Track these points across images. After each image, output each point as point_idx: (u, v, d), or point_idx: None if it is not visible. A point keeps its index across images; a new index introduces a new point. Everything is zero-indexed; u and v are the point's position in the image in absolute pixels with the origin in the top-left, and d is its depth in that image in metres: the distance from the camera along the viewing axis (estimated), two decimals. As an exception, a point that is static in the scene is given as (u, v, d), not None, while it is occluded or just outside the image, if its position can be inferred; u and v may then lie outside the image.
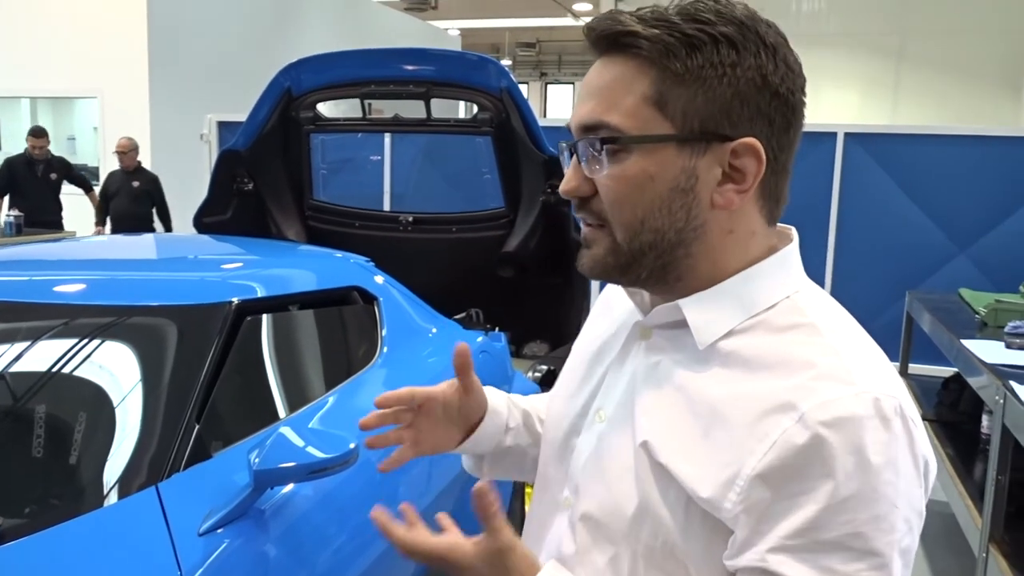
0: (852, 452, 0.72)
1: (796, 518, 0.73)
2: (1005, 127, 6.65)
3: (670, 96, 0.79)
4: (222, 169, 3.32)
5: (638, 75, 0.80)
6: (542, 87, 24.42)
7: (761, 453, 0.74)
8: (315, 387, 2.07)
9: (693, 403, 0.81)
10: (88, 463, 1.56)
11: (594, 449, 0.89)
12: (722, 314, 0.83)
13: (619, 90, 0.80)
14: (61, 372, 1.70)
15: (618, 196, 0.82)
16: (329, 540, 1.73)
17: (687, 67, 0.78)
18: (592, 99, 0.82)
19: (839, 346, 0.79)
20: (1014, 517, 2.37)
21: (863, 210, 4.86)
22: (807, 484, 0.72)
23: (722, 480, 0.76)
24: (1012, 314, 3.12)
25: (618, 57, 0.81)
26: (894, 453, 0.73)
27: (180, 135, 7.94)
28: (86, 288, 1.99)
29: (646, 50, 0.79)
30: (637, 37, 0.79)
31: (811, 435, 0.73)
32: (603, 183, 0.82)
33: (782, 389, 0.76)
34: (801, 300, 0.83)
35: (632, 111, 0.80)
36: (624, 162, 0.80)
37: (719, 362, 0.81)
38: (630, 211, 0.81)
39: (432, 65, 3.15)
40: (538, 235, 3.26)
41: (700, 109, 0.79)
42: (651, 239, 0.82)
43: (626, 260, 0.83)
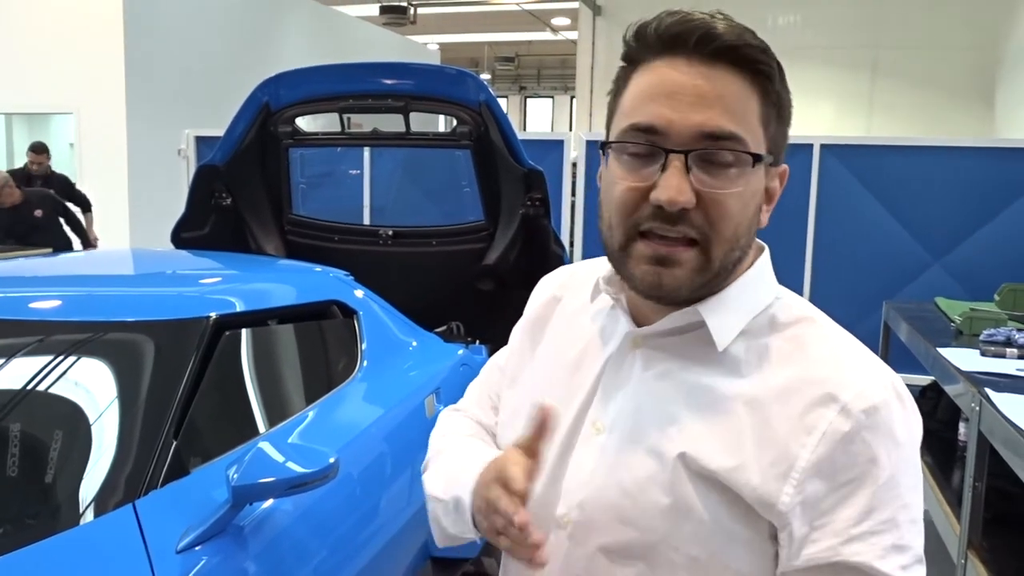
0: (888, 434, 0.79)
1: (854, 505, 0.78)
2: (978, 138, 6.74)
3: (769, 118, 0.83)
4: (200, 184, 3.30)
5: (751, 93, 0.81)
6: (521, 101, 24.50)
7: (812, 445, 0.79)
8: (295, 402, 2.06)
9: (724, 403, 0.82)
10: (64, 481, 1.54)
11: (598, 462, 0.87)
12: (735, 315, 0.86)
13: (743, 105, 0.81)
14: (37, 389, 1.68)
15: (731, 212, 0.81)
16: (310, 555, 1.72)
17: (778, 93, 0.83)
18: (714, 108, 0.79)
19: (843, 337, 0.86)
20: (991, 523, 2.39)
21: (840, 221, 4.90)
22: (858, 470, 0.78)
23: (774, 474, 0.79)
24: (987, 322, 3.16)
25: (726, 68, 0.80)
26: (913, 428, 0.82)
27: (157, 151, 7.89)
28: (62, 304, 1.97)
29: (767, 71, 0.81)
30: (767, 55, 0.81)
31: (855, 424, 0.78)
32: (719, 197, 0.80)
33: (815, 381, 0.81)
34: (788, 299, 0.90)
35: (752, 128, 0.81)
36: (749, 179, 0.82)
37: (738, 362, 0.84)
38: (734, 228, 0.82)
39: (411, 79, 3.16)
40: (518, 248, 3.26)
41: (777, 134, 0.84)
42: (737, 256, 0.84)
43: (710, 278, 0.83)
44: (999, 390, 2.33)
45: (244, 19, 10.05)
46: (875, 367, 0.83)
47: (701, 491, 0.81)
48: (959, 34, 11.99)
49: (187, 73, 8.87)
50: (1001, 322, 3.17)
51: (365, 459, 2.07)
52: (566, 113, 24.06)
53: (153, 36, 8.49)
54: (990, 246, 4.69)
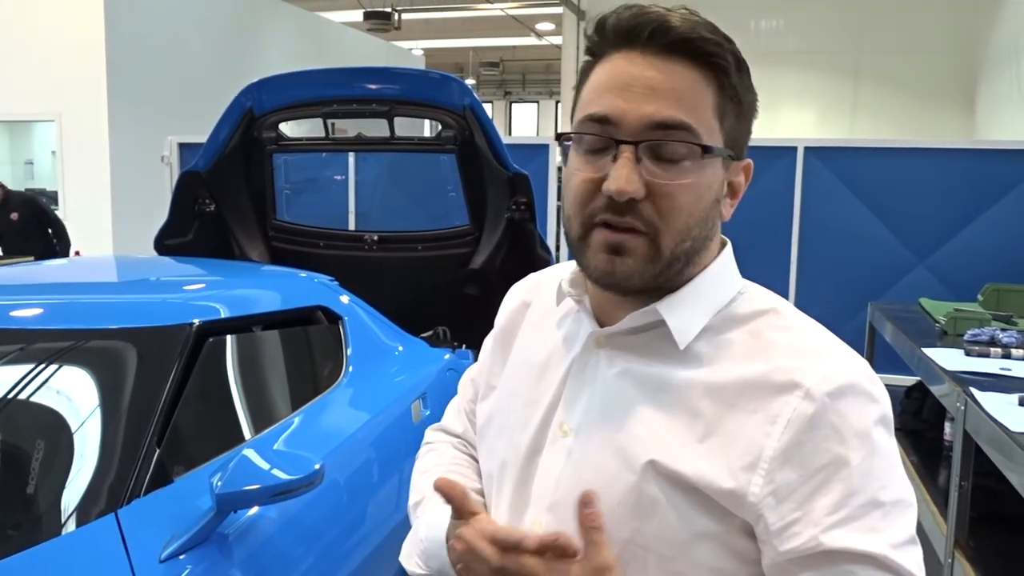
0: (857, 415, 0.78)
1: (832, 491, 0.76)
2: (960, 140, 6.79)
3: (725, 110, 0.82)
4: (183, 190, 3.28)
5: (706, 85, 0.81)
6: (506, 106, 24.54)
7: (778, 434, 0.78)
8: (280, 408, 2.04)
9: (686, 402, 0.82)
10: (45, 490, 1.52)
11: (566, 465, 0.86)
12: (696, 312, 0.85)
13: (693, 97, 0.80)
14: (18, 398, 1.66)
15: (681, 203, 0.81)
16: (295, 563, 1.70)
17: (735, 86, 0.82)
18: (665, 99, 0.80)
19: (806, 326, 0.85)
20: (978, 522, 2.40)
21: (824, 223, 4.93)
22: (829, 455, 0.77)
23: (741, 467, 0.78)
24: (971, 322, 3.18)
25: (681, 61, 0.80)
26: (884, 409, 0.81)
27: (140, 157, 7.85)
28: (44, 312, 1.95)
29: (723, 63, 0.81)
30: (722, 49, 0.81)
31: (820, 407, 0.77)
32: (668, 188, 0.80)
33: (776, 370, 0.80)
34: (751, 292, 0.89)
35: (705, 120, 0.81)
36: (699, 170, 0.81)
37: (700, 358, 0.84)
38: (685, 219, 0.81)
39: (395, 84, 3.15)
40: (504, 252, 3.26)
41: (736, 127, 0.84)
42: (688, 248, 0.83)
43: (661, 269, 0.83)
44: (984, 389, 2.34)
45: (227, 25, 10.02)
46: (838, 352, 0.82)
47: (668, 492, 0.80)
48: (940, 38, 12.09)
49: (170, 79, 8.82)
50: (985, 322, 3.19)
51: (351, 466, 2.05)
52: (551, 118, 24.12)
53: (135, 42, 8.44)
54: (973, 247, 4.73)
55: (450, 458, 1.10)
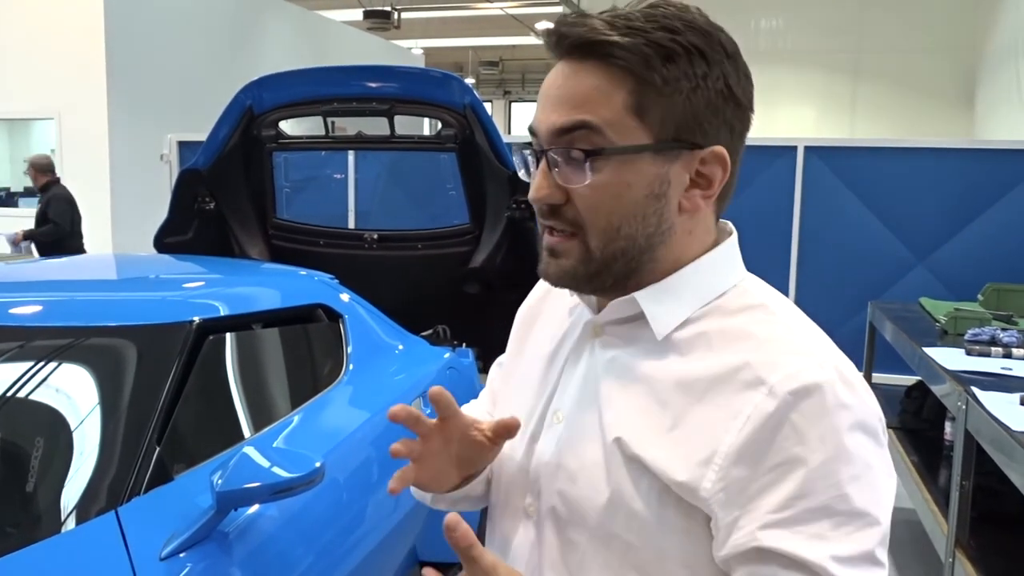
0: (823, 416, 0.74)
1: (780, 490, 0.74)
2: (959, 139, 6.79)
3: (648, 105, 0.80)
4: (183, 189, 3.27)
5: (617, 84, 0.80)
6: (506, 105, 24.54)
7: (736, 430, 0.76)
8: (280, 406, 2.04)
9: (658, 392, 0.82)
10: (45, 488, 1.52)
11: (554, 450, 0.88)
12: (677, 304, 0.85)
13: (598, 98, 0.80)
14: (17, 396, 1.66)
15: (596, 204, 0.81)
16: (296, 562, 1.70)
17: (664, 78, 0.79)
18: (566, 106, 0.81)
19: (792, 323, 0.83)
20: (979, 522, 2.40)
21: (824, 222, 4.93)
22: (785, 455, 0.74)
23: (697, 461, 0.77)
24: (971, 322, 3.18)
25: (592, 64, 0.80)
26: (860, 415, 0.76)
27: (140, 156, 7.84)
28: (44, 309, 1.94)
29: (625, 61, 0.79)
30: (618, 47, 0.79)
31: (781, 405, 0.75)
32: (580, 191, 0.81)
33: (746, 365, 0.78)
34: (747, 286, 0.87)
35: (613, 120, 0.80)
36: (604, 171, 0.81)
37: (678, 350, 0.83)
38: (606, 218, 0.82)
39: (395, 82, 3.14)
40: (504, 251, 3.26)
41: (676, 118, 0.81)
42: (624, 246, 0.83)
43: (596, 268, 0.83)
44: (985, 389, 2.34)
45: (227, 23, 10.01)
46: (816, 350, 0.79)
47: (635, 478, 0.80)
48: (939, 37, 12.10)
49: (169, 78, 8.81)
50: (985, 321, 3.19)
51: (351, 464, 2.05)
52: (551, 117, 24.07)
53: (135, 40, 8.43)
54: (973, 246, 4.73)
55: None
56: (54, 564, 1.34)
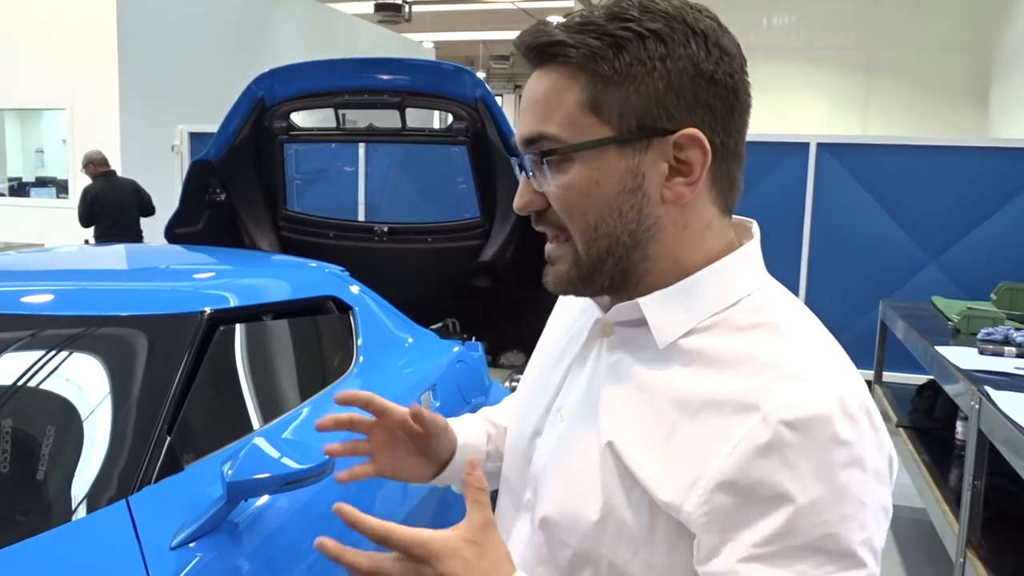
0: (818, 451, 0.71)
1: (766, 524, 0.71)
2: (973, 137, 6.74)
3: (603, 99, 0.78)
4: (194, 180, 3.28)
5: (569, 83, 0.79)
6: (516, 99, 24.50)
7: (724, 455, 0.73)
8: (289, 398, 2.04)
9: (656, 402, 0.80)
10: (56, 477, 1.52)
11: (554, 448, 0.88)
12: (682, 313, 0.82)
13: (553, 100, 0.80)
14: (28, 384, 1.66)
15: (568, 205, 0.81)
16: (304, 553, 1.70)
17: (615, 68, 0.78)
18: (530, 112, 0.82)
19: (801, 346, 0.78)
20: (990, 522, 2.39)
21: (836, 220, 4.91)
22: (774, 488, 0.71)
23: (684, 482, 0.75)
24: (984, 321, 3.16)
25: (548, 67, 0.81)
26: (860, 451, 0.72)
27: (151, 146, 7.86)
28: (55, 298, 1.95)
29: (573, 57, 0.78)
30: (563, 45, 0.79)
31: (774, 435, 0.71)
32: (552, 194, 0.82)
33: (745, 390, 0.74)
34: (762, 298, 0.82)
35: (568, 120, 0.79)
36: (569, 171, 0.80)
37: (680, 361, 0.80)
38: (581, 219, 0.81)
39: (407, 75, 3.14)
40: (514, 245, 3.25)
41: (635, 107, 0.78)
42: (607, 244, 0.81)
43: (587, 271, 0.83)
44: (999, 388, 2.32)
45: (238, 15, 10.01)
46: (820, 377, 0.74)
47: (627, 488, 0.79)
48: (953, 34, 12.03)
49: (181, 69, 8.83)
50: (999, 321, 3.17)
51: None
52: (561, 112, 24.05)
53: (147, 32, 8.45)
54: (986, 245, 4.70)
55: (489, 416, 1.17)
56: (65, 553, 1.34)
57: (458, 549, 0.75)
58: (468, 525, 0.77)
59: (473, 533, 0.76)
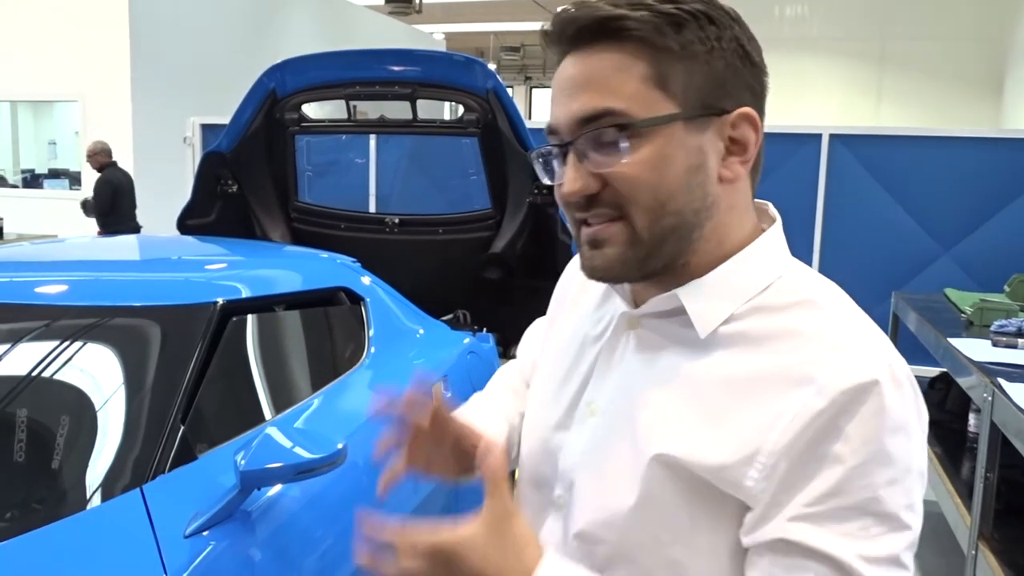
0: (871, 417, 0.73)
1: (816, 485, 0.73)
2: (987, 128, 6.70)
3: (669, 74, 0.78)
4: (206, 171, 3.28)
5: (633, 58, 0.78)
6: (527, 91, 24.45)
7: (783, 428, 0.75)
8: (302, 388, 2.05)
9: (702, 392, 0.80)
10: (71, 466, 1.53)
11: (588, 445, 0.87)
12: (721, 301, 0.82)
13: (616, 76, 0.78)
14: (43, 374, 1.67)
15: (637, 183, 0.79)
16: (317, 542, 1.71)
17: (680, 43, 0.78)
18: (585, 91, 0.79)
19: (841, 318, 0.80)
20: (1003, 514, 2.38)
21: (848, 211, 4.88)
22: (826, 451, 0.73)
23: (741, 459, 0.76)
24: (998, 313, 3.14)
25: (603, 44, 0.79)
26: (907, 416, 0.75)
27: (163, 138, 7.88)
28: (69, 289, 1.96)
29: (639, 30, 0.77)
30: (627, 20, 0.77)
31: (831, 404, 0.73)
32: (618, 172, 0.79)
33: (795, 363, 0.76)
34: (793, 278, 0.84)
35: (636, 94, 0.78)
36: (640, 148, 0.78)
37: (723, 347, 0.81)
38: (651, 195, 0.79)
39: (418, 66, 3.13)
40: (525, 236, 3.25)
41: (699, 84, 0.79)
42: (673, 222, 0.80)
43: (646, 251, 0.81)
44: (1012, 380, 2.31)
45: (249, 6, 10.02)
46: (869, 348, 0.77)
47: (672, 482, 0.79)
48: (967, 24, 11.91)
49: (193, 60, 8.85)
50: (1012, 313, 3.15)
51: (372, 446, 2.05)
52: (571, 103, 23.97)
53: (158, 24, 8.47)
54: (999, 237, 4.66)
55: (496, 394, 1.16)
56: (80, 540, 1.35)
57: (479, 546, 0.75)
58: (487, 517, 0.76)
59: (493, 526, 0.76)
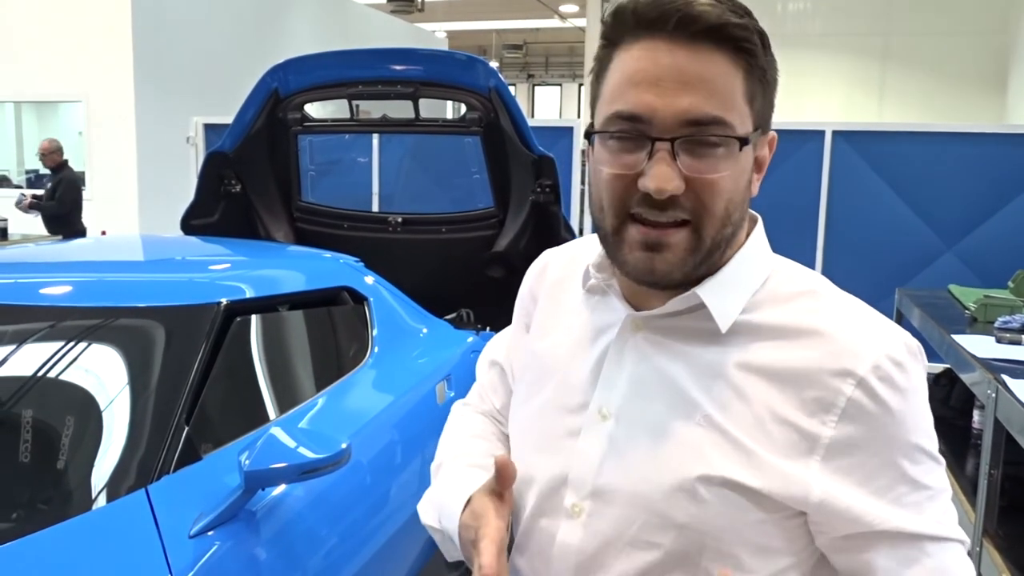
0: (910, 397, 0.81)
1: (892, 472, 0.80)
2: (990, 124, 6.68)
3: (756, 93, 0.82)
4: (209, 171, 3.29)
5: (735, 70, 0.79)
6: (529, 89, 24.44)
7: (833, 423, 0.79)
8: (305, 388, 2.05)
9: (734, 384, 0.82)
10: (76, 466, 1.54)
11: (610, 452, 0.85)
12: (735, 294, 0.85)
13: (724, 86, 0.79)
14: (48, 375, 1.68)
15: (721, 192, 0.80)
16: (321, 542, 1.72)
17: (763, 66, 0.81)
18: (697, 92, 0.77)
19: (847, 306, 0.86)
20: (1007, 511, 2.38)
21: (852, 208, 4.87)
22: (885, 438, 0.79)
23: (798, 453, 0.80)
24: (1002, 309, 3.13)
25: (712, 47, 0.78)
26: (922, 381, 0.84)
27: (166, 138, 7.90)
28: (73, 290, 1.97)
29: (752, 45, 0.79)
30: (750, 31, 0.79)
31: (874, 396, 0.79)
32: (709, 180, 0.79)
33: (827, 356, 0.80)
34: (786, 270, 0.89)
35: (738, 109, 0.80)
36: (734, 161, 0.80)
37: (747, 337, 0.84)
38: (725, 206, 0.81)
39: (420, 65, 3.13)
40: (528, 235, 3.25)
41: (764, 105, 0.83)
42: (730, 232, 0.84)
43: (702, 258, 0.82)
44: (1016, 377, 2.31)
45: (252, 6, 10.02)
46: (884, 331, 0.83)
47: (716, 491, 0.81)
48: (970, 20, 11.88)
49: (195, 60, 8.85)
50: (1016, 309, 3.15)
51: (376, 446, 2.06)
52: (574, 101, 24.00)
53: (161, 24, 8.47)
54: (1003, 233, 4.65)
55: (479, 424, 1.10)
56: (86, 541, 1.36)
57: None
58: None
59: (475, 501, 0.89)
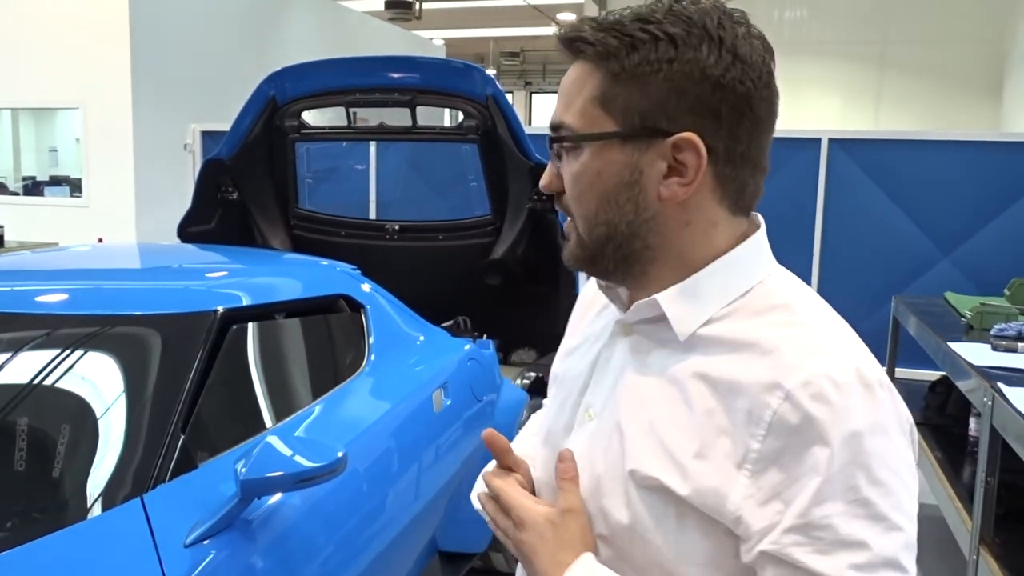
0: (842, 421, 0.74)
1: (799, 498, 0.74)
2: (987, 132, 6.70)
3: (612, 95, 0.83)
4: (206, 178, 3.30)
5: (588, 77, 0.84)
6: (526, 96, 24.46)
7: (760, 437, 0.76)
8: (302, 396, 2.05)
9: (683, 393, 0.82)
10: (71, 475, 1.54)
11: (584, 449, 0.89)
12: (699, 304, 0.84)
13: (574, 91, 0.86)
14: (44, 383, 1.67)
15: (573, 191, 0.87)
16: (318, 550, 1.71)
17: (623, 67, 0.82)
18: (559, 100, 0.88)
19: (814, 323, 0.82)
20: (1004, 519, 2.37)
21: (848, 215, 4.88)
22: (808, 460, 0.74)
23: (727, 467, 0.77)
24: (998, 317, 3.14)
25: (578, 61, 0.86)
26: (881, 418, 0.76)
27: (163, 145, 7.89)
28: (69, 298, 1.96)
29: (589, 53, 0.84)
30: (584, 42, 0.84)
31: (801, 412, 0.75)
32: (568, 179, 0.87)
33: (765, 369, 0.77)
34: (773, 283, 0.86)
35: (583, 111, 0.84)
36: (578, 159, 0.85)
37: (702, 349, 0.83)
38: (584, 205, 0.86)
39: (417, 73, 3.15)
40: (525, 242, 3.26)
41: (639, 106, 0.82)
42: (605, 231, 0.86)
43: (590, 252, 0.88)
44: (1012, 384, 2.31)
45: (249, 13, 10.04)
46: (836, 351, 0.78)
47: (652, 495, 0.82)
48: (967, 27, 11.93)
49: (193, 68, 8.85)
50: (1012, 316, 3.15)
51: (373, 454, 2.06)
52: (571, 108, 23.95)
53: (159, 31, 8.48)
54: (999, 241, 4.66)
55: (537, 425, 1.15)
56: (81, 550, 1.35)
57: (538, 524, 0.87)
58: (556, 508, 0.87)
59: (555, 515, 0.87)
